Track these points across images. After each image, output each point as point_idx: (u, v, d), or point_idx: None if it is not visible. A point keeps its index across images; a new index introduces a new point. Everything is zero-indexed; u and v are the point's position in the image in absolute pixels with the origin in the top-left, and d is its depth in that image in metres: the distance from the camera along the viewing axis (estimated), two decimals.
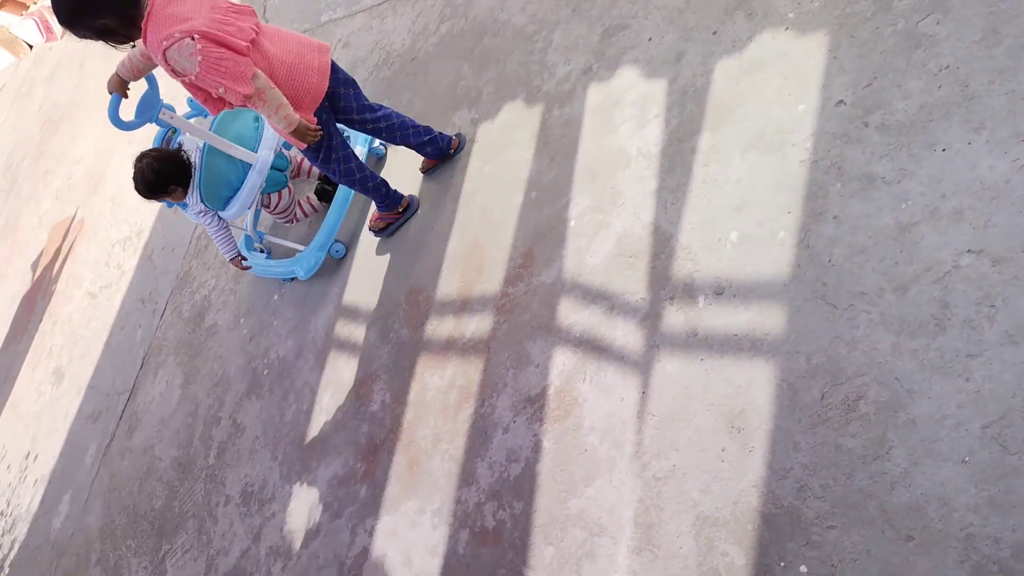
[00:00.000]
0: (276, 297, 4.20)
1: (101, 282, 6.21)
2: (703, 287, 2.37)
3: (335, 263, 3.93)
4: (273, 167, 3.85)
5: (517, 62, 3.50)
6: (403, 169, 3.85)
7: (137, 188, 3.67)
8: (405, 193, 3.70)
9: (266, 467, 3.68)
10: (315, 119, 2.99)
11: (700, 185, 2.53)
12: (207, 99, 2.83)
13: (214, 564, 3.66)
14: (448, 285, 3.25)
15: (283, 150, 3.97)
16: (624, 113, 2.90)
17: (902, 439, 1.87)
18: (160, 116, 3.41)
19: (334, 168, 3.28)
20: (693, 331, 2.34)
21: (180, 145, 3.76)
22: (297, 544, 3.29)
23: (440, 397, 3.03)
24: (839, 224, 2.17)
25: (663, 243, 2.55)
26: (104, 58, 8.86)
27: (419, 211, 3.61)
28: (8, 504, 5.78)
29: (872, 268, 2.07)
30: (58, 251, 7.42)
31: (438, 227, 3.45)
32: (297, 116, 2.85)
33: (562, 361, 2.67)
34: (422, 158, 3.69)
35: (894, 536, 1.81)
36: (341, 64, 4.67)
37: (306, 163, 4.13)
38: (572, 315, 2.71)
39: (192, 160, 3.63)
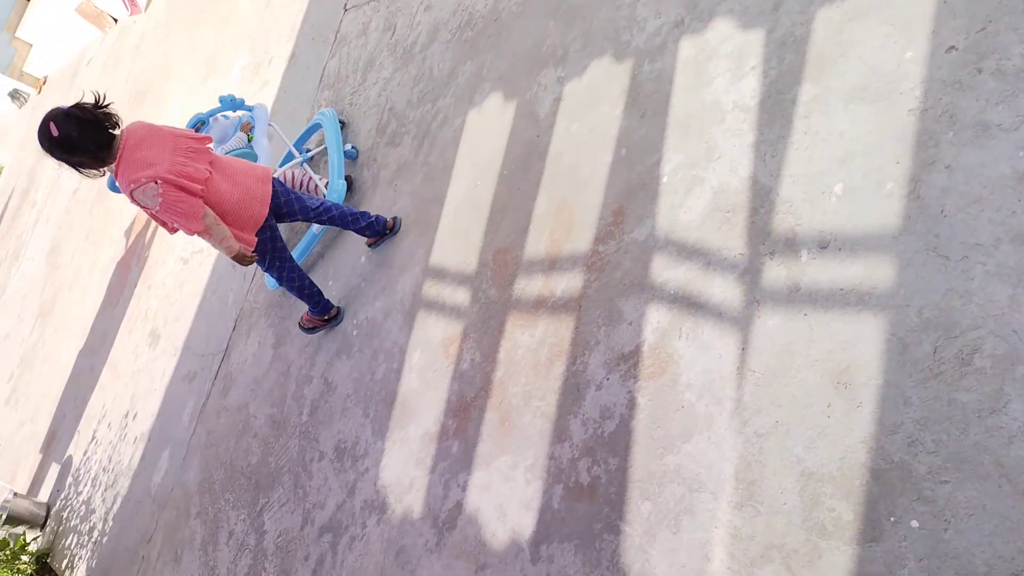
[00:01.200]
0: (363, 259, 4.27)
1: (192, 248, 6.40)
2: (806, 241, 2.32)
3: (417, 223, 3.97)
4: None
5: (604, 18, 3.45)
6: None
7: None
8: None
9: (358, 424, 3.76)
10: (255, 239, 3.56)
11: (801, 137, 2.47)
12: (165, 223, 3.35)
13: (310, 517, 3.77)
14: (536, 244, 3.26)
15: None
16: (719, 66, 2.84)
17: (1021, 392, 1.81)
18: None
19: (277, 273, 3.84)
20: (796, 286, 2.30)
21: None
22: (391, 498, 3.37)
23: (531, 355, 3.05)
24: (952, 174, 2.09)
25: (762, 197, 2.50)
26: (189, 29, 9.05)
27: (504, 172, 3.61)
28: (110, 461, 6.06)
29: (988, 218, 1.99)
30: (150, 219, 7.67)
31: (524, 187, 3.45)
32: (237, 246, 3.45)
33: (656, 318, 2.65)
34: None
35: (1012, 491, 1.76)
36: (424, 26, 4.67)
37: (299, 180, 4.76)
38: (666, 272, 2.69)
39: None
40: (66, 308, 8.84)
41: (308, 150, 5.10)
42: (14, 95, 17.86)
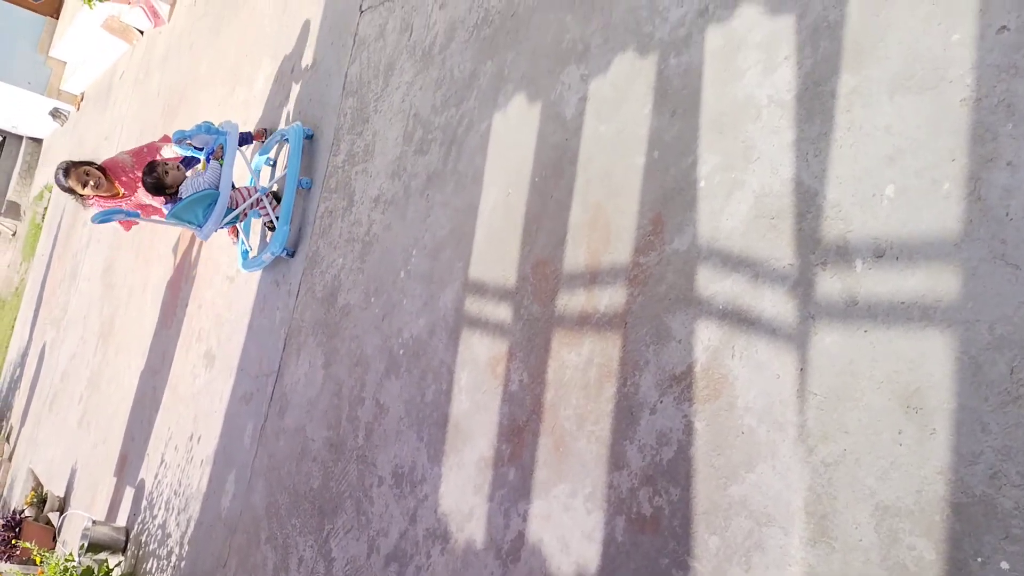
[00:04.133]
0: (402, 275, 4.19)
1: (237, 265, 6.40)
2: (859, 249, 2.16)
3: (453, 235, 3.87)
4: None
5: (624, 8, 3.27)
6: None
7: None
8: None
9: (413, 448, 3.71)
10: None
11: (844, 134, 2.29)
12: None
13: (375, 545, 3.75)
14: (575, 256, 3.13)
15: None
16: (749, 57, 2.66)
17: None
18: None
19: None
20: (852, 299, 2.14)
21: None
22: (452, 527, 3.32)
23: (579, 376, 2.94)
24: (1014, 171, 1.91)
25: (808, 201, 2.34)
26: (212, 38, 9.00)
27: (535, 179, 3.48)
28: (180, 484, 6.15)
29: None
30: (194, 236, 7.70)
31: (557, 194, 3.32)
32: None
33: (707, 336, 2.52)
34: None
35: None
36: (440, 25, 4.52)
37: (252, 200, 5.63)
38: (712, 285, 2.55)
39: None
40: (124, 328, 8.99)
41: (271, 161, 5.98)
42: (55, 114, 18.16)
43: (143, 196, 5.37)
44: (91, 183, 5.25)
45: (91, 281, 11.05)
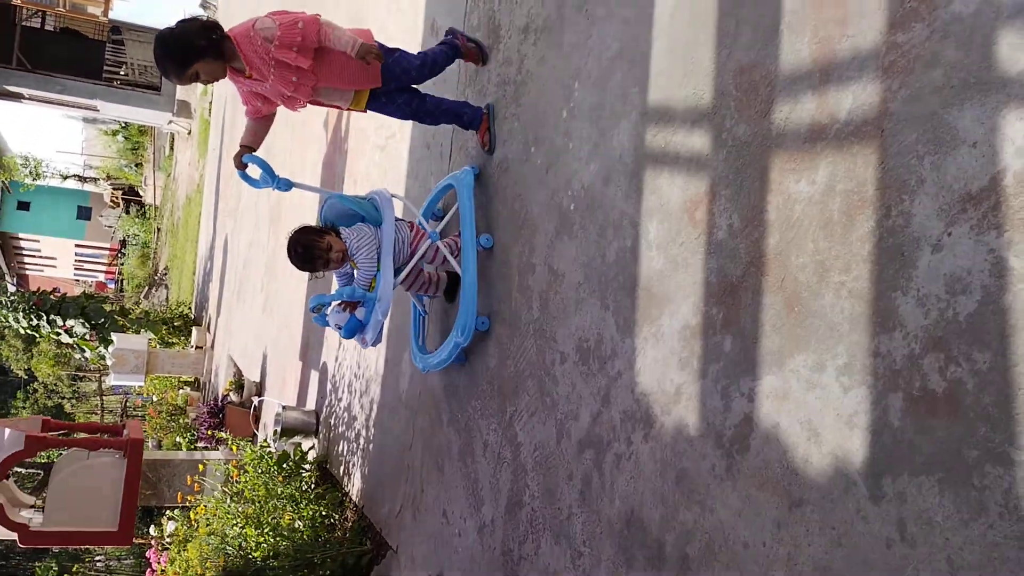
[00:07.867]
0: (565, 114, 3.49)
1: (386, 133, 5.90)
2: None
3: (622, 55, 3.10)
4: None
5: None
6: None
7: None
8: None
9: (598, 318, 3.11)
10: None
11: None
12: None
13: (565, 428, 3.24)
14: (795, 51, 2.32)
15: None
16: None
17: None
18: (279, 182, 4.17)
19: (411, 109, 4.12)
20: None
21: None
22: (656, 409, 2.72)
23: (815, 210, 2.19)
24: None
25: None
26: None
27: None
28: (359, 366, 5.93)
29: None
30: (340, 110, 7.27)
31: None
32: (360, 40, 3.55)
33: (1020, 131, 1.70)
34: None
35: None
36: None
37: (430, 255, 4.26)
38: None
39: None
40: (290, 211, 8.87)
41: (439, 212, 4.58)
42: (204, 5, 18.27)
43: (282, 85, 3.66)
44: (203, 79, 3.64)
45: None
